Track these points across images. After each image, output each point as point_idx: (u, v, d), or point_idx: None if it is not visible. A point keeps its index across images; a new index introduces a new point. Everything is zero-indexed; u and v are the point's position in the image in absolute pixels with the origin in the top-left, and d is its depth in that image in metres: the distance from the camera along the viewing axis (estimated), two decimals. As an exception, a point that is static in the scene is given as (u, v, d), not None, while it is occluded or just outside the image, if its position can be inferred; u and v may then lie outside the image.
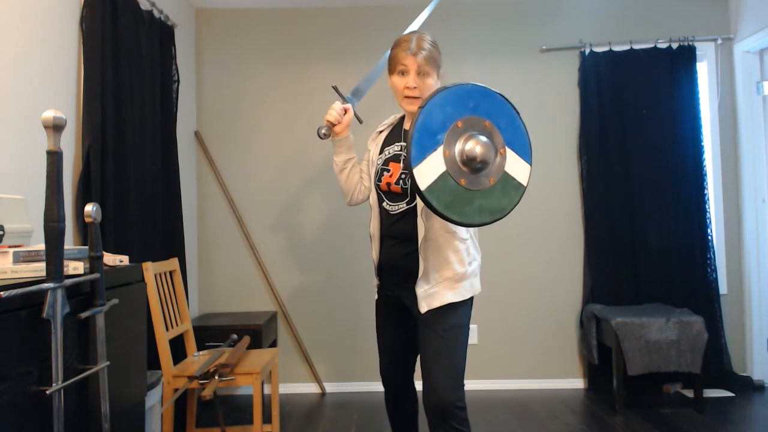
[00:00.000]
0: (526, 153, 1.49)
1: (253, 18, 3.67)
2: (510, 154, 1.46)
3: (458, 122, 1.42)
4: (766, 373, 3.48)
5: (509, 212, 1.49)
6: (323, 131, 2.00)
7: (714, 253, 3.47)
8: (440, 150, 1.39)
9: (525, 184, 1.50)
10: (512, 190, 1.48)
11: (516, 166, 1.47)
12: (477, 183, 1.42)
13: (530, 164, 1.50)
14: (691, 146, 3.49)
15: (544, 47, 3.65)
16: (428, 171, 1.38)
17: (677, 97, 3.51)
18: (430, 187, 1.40)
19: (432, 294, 1.80)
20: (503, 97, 1.50)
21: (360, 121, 2.15)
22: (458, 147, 1.41)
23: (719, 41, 3.59)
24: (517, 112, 1.50)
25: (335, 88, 2.08)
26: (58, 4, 2.20)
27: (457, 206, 1.42)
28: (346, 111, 2.01)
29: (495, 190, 1.45)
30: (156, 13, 2.92)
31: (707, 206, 3.48)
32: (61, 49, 2.22)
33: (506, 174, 1.46)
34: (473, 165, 1.41)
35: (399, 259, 1.88)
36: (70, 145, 2.26)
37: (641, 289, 3.49)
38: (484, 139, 1.42)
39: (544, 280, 3.62)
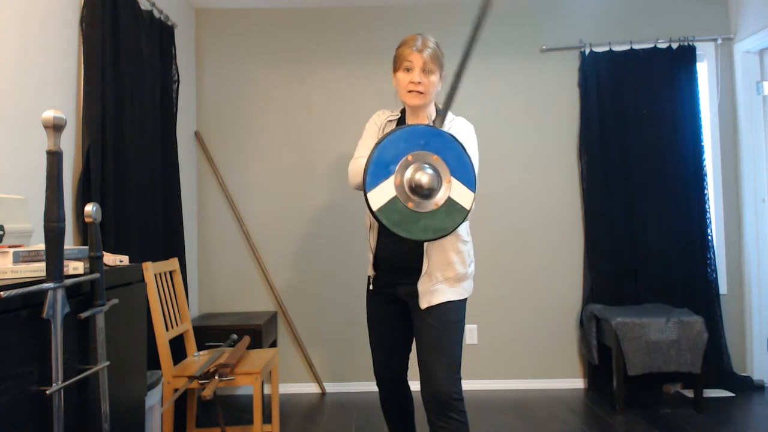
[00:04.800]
0: (470, 182, 1.70)
1: (253, 18, 3.67)
2: (455, 183, 1.68)
3: (408, 156, 1.65)
4: (766, 373, 3.48)
5: (452, 231, 1.70)
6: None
7: (714, 253, 3.47)
8: (391, 179, 1.64)
9: (468, 208, 1.70)
10: (455, 213, 1.68)
11: (460, 194, 1.68)
12: (423, 206, 1.66)
13: (474, 192, 1.70)
14: (691, 146, 3.49)
15: (544, 47, 3.65)
16: (380, 195, 1.63)
17: (677, 97, 3.51)
18: (380, 209, 1.64)
19: (433, 291, 1.86)
20: (452, 136, 1.70)
21: None
22: (407, 176, 1.65)
23: (719, 41, 3.59)
24: (464, 149, 1.70)
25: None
26: (58, 5, 2.20)
27: (405, 224, 1.66)
28: None
29: (440, 212, 1.67)
30: (156, 13, 2.92)
31: (707, 206, 3.48)
32: (61, 49, 2.22)
33: (450, 199, 1.68)
34: (421, 192, 1.64)
35: (399, 255, 1.92)
36: (70, 145, 2.26)
37: (641, 289, 3.49)
38: (430, 171, 1.65)
39: (544, 280, 3.62)
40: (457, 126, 1.93)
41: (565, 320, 3.61)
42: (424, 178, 1.63)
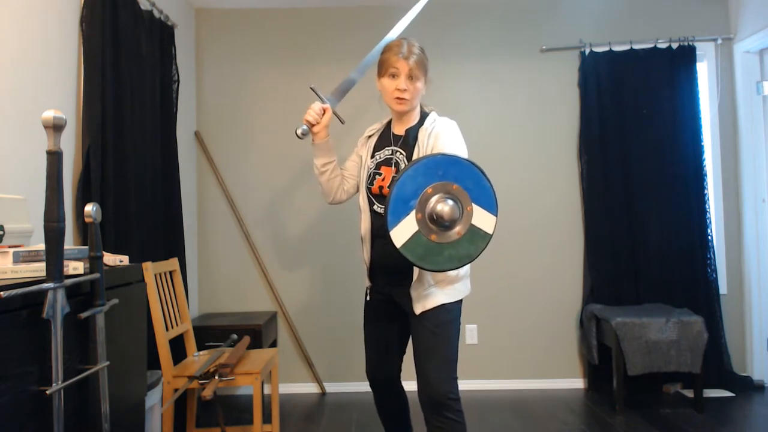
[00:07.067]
0: (491, 206, 1.69)
1: (253, 18, 3.67)
2: (476, 209, 1.67)
3: (428, 189, 1.64)
4: (766, 373, 3.48)
5: (477, 257, 1.70)
6: (300, 131, 2.01)
7: (714, 253, 3.47)
8: (412, 214, 1.64)
9: (491, 232, 1.69)
10: (478, 239, 1.68)
11: (482, 219, 1.68)
12: (446, 237, 1.66)
13: (496, 215, 1.70)
14: (691, 146, 3.49)
15: (544, 47, 3.65)
16: (402, 232, 1.63)
17: (677, 97, 3.51)
18: (404, 245, 1.64)
19: (426, 296, 1.87)
20: (470, 161, 1.69)
21: (341, 122, 2.16)
22: (428, 209, 1.65)
23: (719, 41, 3.59)
24: (483, 173, 1.69)
25: (313, 89, 2.09)
26: (58, 5, 2.20)
27: (430, 257, 1.66)
28: (324, 111, 2.04)
29: (463, 240, 1.67)
30: (156, 13, 2.92)
31: (707, 206, 3.48)
32: (61, 49, 2.22)
33: (473, 226, 1.67)
34: (442, 223, 1.64)
35: (391, 257, 1.90)
36: (70, 145, 2.26)
37: (641, 289, 3.49)
38: (450, 201, 1.65)
39: (544, 280, 3.62)
40: (438, 126, 1.93)
41: (565, 320, 3.61)
42: (445, 209, 1.63)
